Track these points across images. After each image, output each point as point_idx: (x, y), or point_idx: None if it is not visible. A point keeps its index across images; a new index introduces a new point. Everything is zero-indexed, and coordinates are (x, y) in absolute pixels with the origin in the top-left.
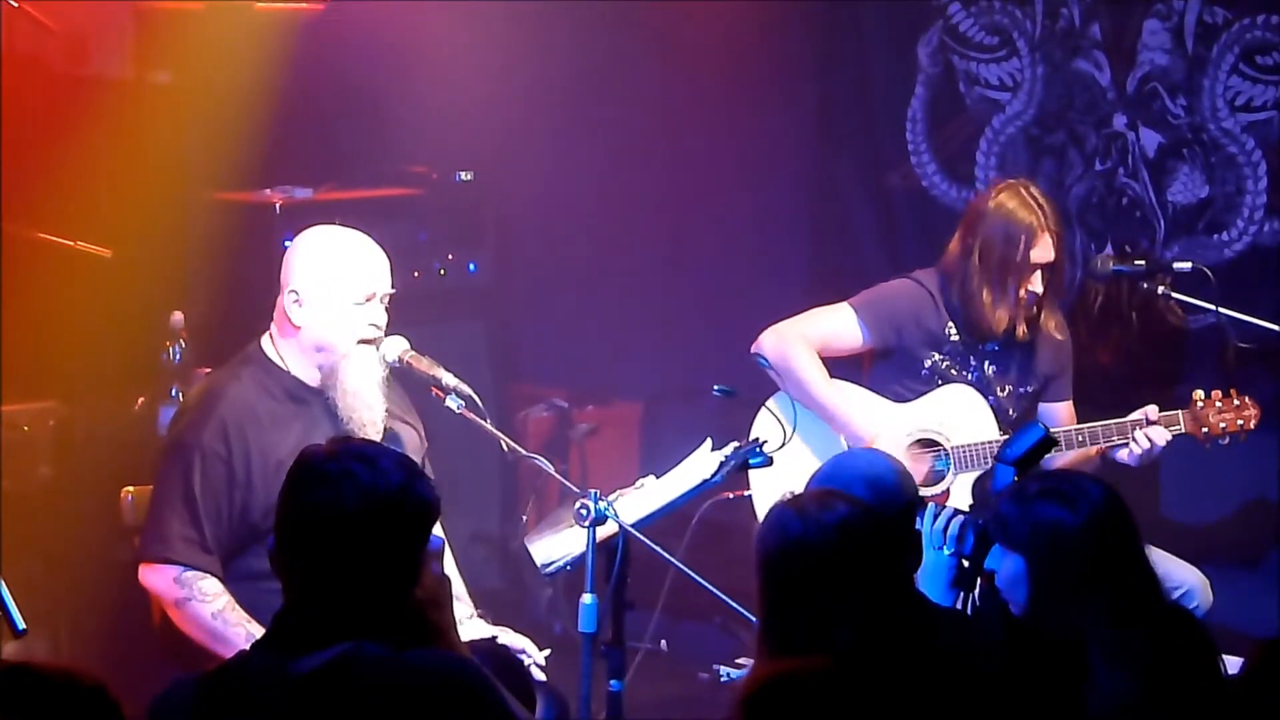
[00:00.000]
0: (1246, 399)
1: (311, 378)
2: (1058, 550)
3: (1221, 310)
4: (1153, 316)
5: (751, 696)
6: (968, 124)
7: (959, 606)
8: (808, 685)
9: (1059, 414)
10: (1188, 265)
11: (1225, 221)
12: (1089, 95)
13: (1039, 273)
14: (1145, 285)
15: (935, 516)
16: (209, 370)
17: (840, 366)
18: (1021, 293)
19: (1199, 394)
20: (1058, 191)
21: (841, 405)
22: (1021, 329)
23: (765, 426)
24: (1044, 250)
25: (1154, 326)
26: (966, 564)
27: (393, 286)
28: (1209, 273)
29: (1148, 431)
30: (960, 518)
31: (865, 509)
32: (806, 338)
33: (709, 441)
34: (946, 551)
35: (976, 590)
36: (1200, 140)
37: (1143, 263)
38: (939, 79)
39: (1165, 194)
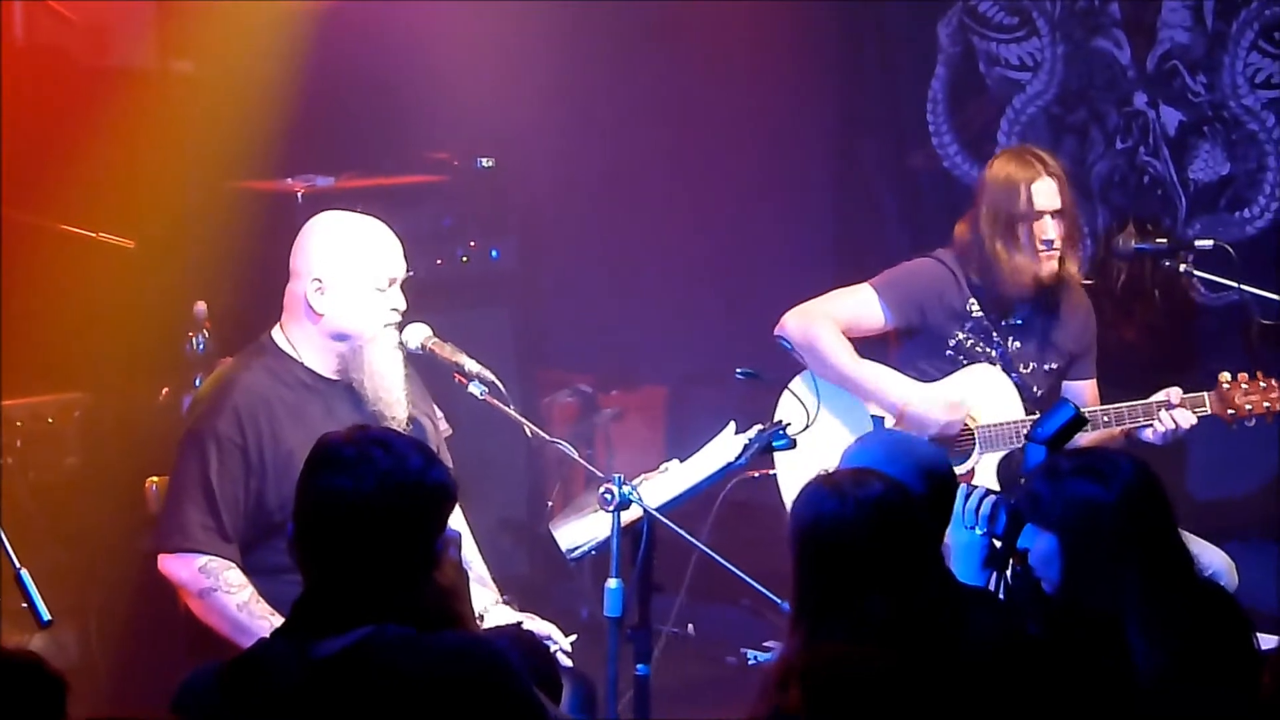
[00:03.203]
0: (1273, 380)
1: (325, 366)
2: (1091, 527)
3: (1244, 287)
4: (1175, 294)
5: (812, 673)
6: (989, 104)
7: (992, 586)
8: (871, 669)
9: (1083, 392)
10: (1210, 243)
11: (1247, 198)
12: (1109, 74)
13: (1049, 220)
14: (1167, 263)
15: (966, 496)
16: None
17: (865, 350)
18: (1037, 243)
19: (1225, 376)
20: (1079, 170)
21: (871, 377)
22: (1049, 269)
23: (788, 409)
24: (1048, 194)
25: (1177, 304)
26: (999, 544)
27: (408, 270)
28: (1231, 250)
29: (1173, 414)
30: (992, 497)
31: (900, 486)
32: (832, 317)
33: (733, 425)
34: (979, 531)
35: (1009, 570)
36: (1221, 117)
37: (1165, 241)
38: (959, 59)
39: (1186, 172)
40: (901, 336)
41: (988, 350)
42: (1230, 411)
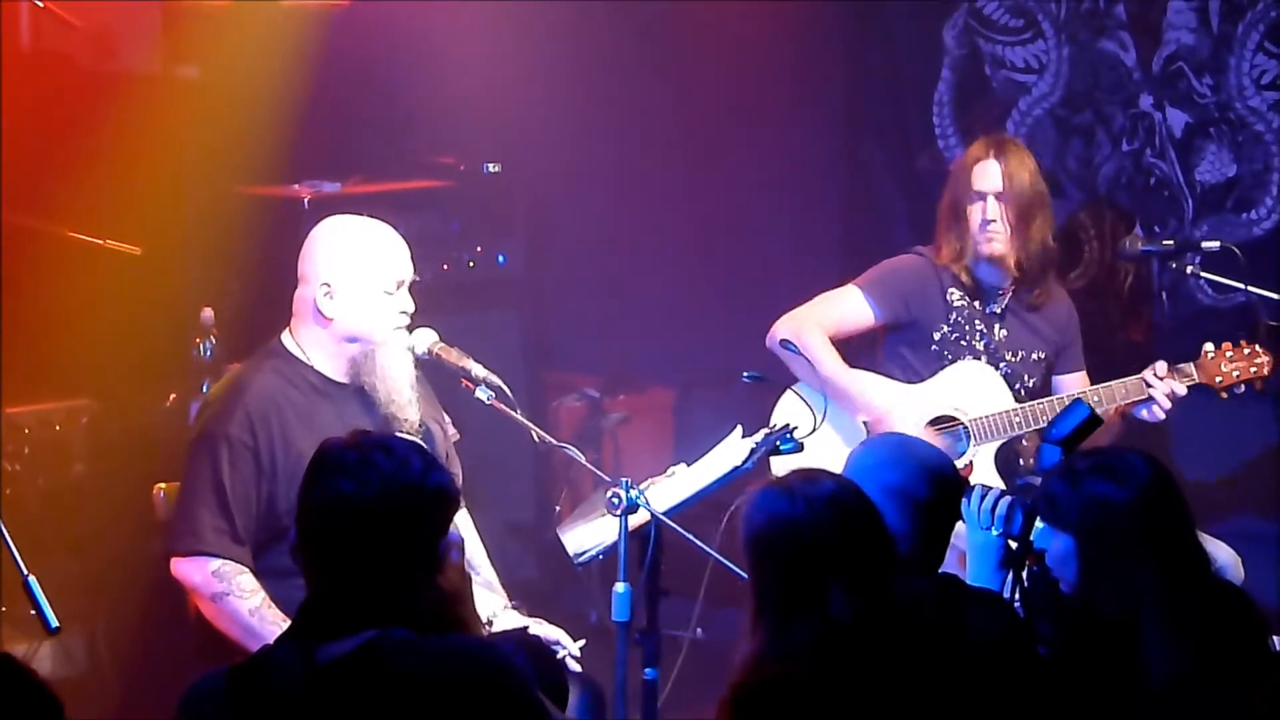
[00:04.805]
0: (1257, 347)
1: (335, 370)
2: (1107, 526)
3: (1251, 289)
4: (1182, 296)
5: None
6: (994, 106)
7: (1008, 586)
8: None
9: (1073, 384)
10: (1216, 244)
11: (1253, 199)
12: (1115, 75)
13: (990, 200)
14: (1174, 264)
15: (982, 497)
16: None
17: (854, 348)
18: (975, 224)
19: (1208, 346)
20: (1086, 171)
21: (855, 386)
22: (989, 250)
23: (789, 412)
24: (990, 176)
25: (1183, 306)
26: (1015, 544)
27: (416, 273)
28: (1237, 251)
29: (1169, 385)
30: (1008, 498)
31: (851, 485)
32: (820, 323)
33: (739, 428)
34: (995, 532)
35: (1026, 570)
36: (1227, 119)
37: (1171, 242)
38: (965, 62)
39: (1193, 173)
40: (888, 332)
41: (973, 342)
42: (1217, 379)
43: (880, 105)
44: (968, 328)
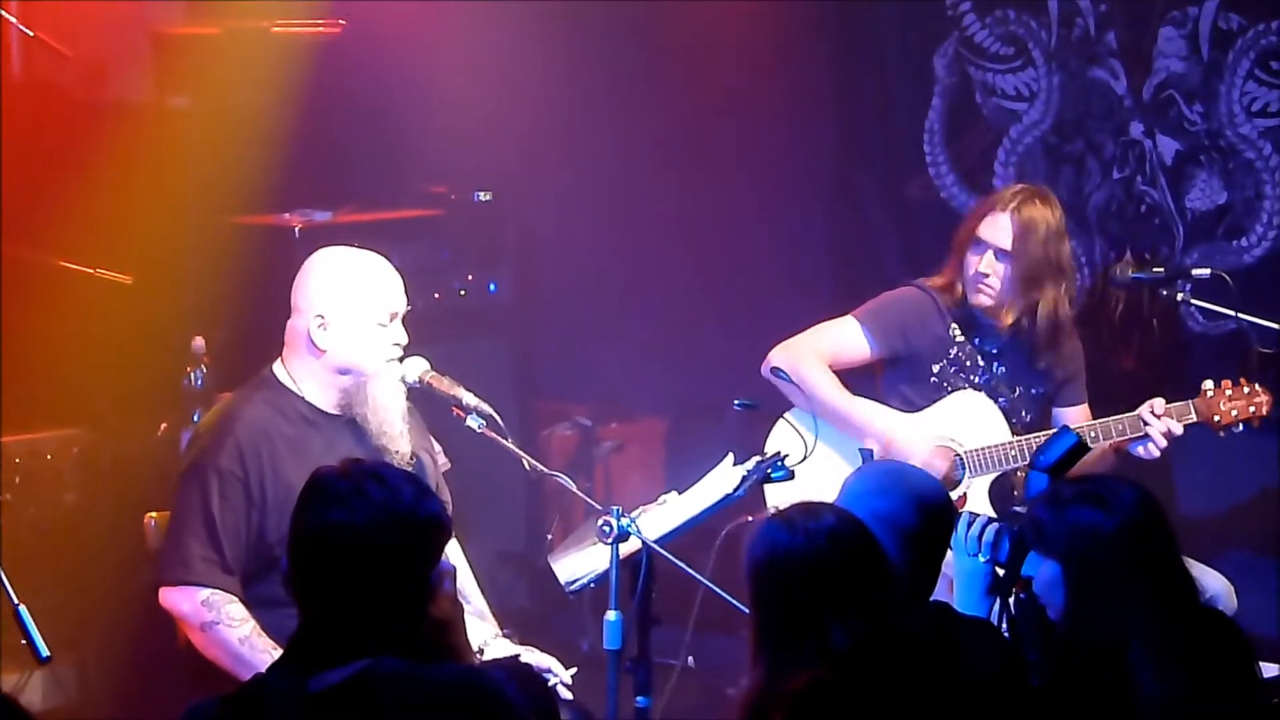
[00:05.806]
0: (1256, 385)
1: (326, 401)
2: (1094, 553)
3: (1242, 316)
4: (1173, 323)
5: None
6: (985, 134)
7: (995, 613)
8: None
9: (1073, 418)
10: (1207, 271)
11: (1244, 227)
12: (1106, 103)
13: (990, 255)
14: (1165, 292)
15: (969, 524)
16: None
17: (851, 378)
18: (969, 269)
19: (1208, 384)
20: (1077, 200)
21: (858, 409)
22: (979, 301)
23: (781, 440)
24: (997, 230)
25: (1175, 333)
26: (1002, 571)
27: (408, 304)
28: (1228, 278)
29: (1166, 424)
30: (995, 525)
31: (852, 518)
32: (816, 351)
33: (731, 456)
34: (982, 559)
35: (1013, 597)
36: (1218, 146)
37: (1162, 270)
38: (955, 90)
39: (1184, 200)
40: (886, 366)
41: (971, 377)
42: (1216, 418)
43: (871, 133)
44: (968, 363)
